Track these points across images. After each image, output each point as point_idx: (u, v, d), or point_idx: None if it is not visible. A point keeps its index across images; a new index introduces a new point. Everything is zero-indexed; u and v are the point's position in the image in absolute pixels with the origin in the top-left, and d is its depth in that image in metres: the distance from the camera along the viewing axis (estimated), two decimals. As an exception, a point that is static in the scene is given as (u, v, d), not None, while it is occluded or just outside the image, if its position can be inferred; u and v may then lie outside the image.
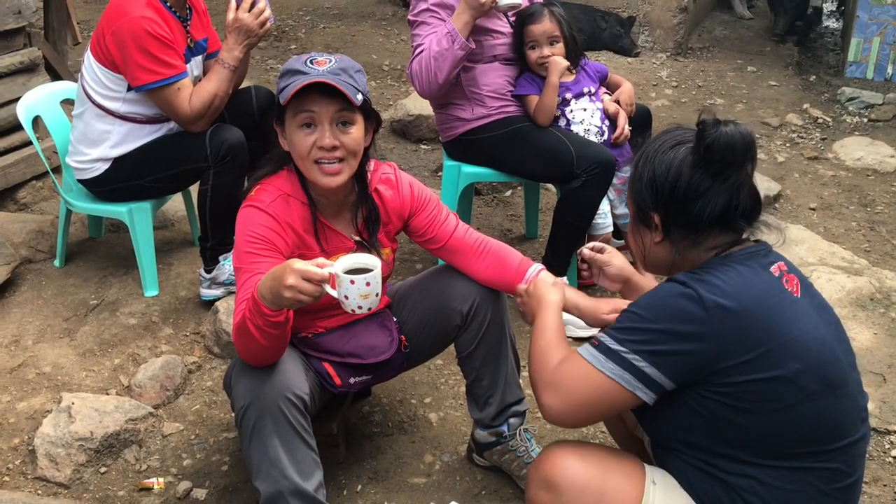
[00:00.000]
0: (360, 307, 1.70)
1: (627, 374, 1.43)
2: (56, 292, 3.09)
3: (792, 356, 1.41)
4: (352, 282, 1.67)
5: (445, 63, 2.74)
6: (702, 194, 1.49)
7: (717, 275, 1.46)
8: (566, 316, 2.81)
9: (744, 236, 1.57)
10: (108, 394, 2.56)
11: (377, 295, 1.71)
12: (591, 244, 2.00)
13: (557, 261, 2.89)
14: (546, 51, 2.87)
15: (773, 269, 1.50)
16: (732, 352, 1.40)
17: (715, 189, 1.49)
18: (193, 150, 2.75)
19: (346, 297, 1.69)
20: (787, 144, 4.57)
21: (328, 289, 1.67)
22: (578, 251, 2.01)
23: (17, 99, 3.12)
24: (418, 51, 2.84)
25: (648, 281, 1.89)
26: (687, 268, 1.54)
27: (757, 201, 1.55)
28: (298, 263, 1.64)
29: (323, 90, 1.82)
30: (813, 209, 3.86)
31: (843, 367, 1.49)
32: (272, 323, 1.71)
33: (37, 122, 3.15)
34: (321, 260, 1.69)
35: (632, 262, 2.03)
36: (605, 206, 2.99)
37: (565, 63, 2.85)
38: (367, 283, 1.68)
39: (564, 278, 2.13)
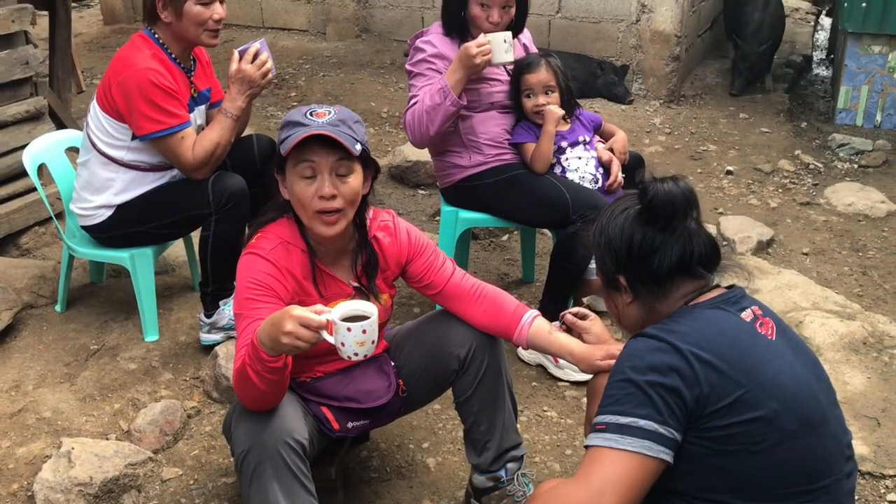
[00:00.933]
0: (356, 354, 1.73)
1: (647, 441, 1.43)
2: (57, 337, 3.11)
3: (769, 396, 1.45)
4: (348, 329, 1.70)
5: (437, 117, 2.82)
6: (656, 248, 1.58)
7: (685, 323, 1.51)
8: (561, 361, 2.84)
9: (715, 283, 1.62)
10: (107, 438, 2.57)
11: (373, 342, 1.74)
12: (574, 309, 2.07)
13: (554, 305, 2.93)
14: (542, 99, 2.94)
15: (746, 314, 1.55)
16: (714, 397, 1.44)
17: (667, 241, 1.58)
18: (196, 197, 2.80)
19: (343, 344, 1.72)
20: (780, 190, 4.64)
21: (325, 335, 1.70)
22: (562, 314, 2.08)
23: (23, 146, 3.18)
24: (413, 102, 2.91)
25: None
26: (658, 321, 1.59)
27: (713, 247, 1.63)
28: (297, 310, 1.67)
29: (322, 141, 1.88)
30: (806, 254, 3.90)
31: (823, 406, 1.52)
32: (271, 368, 1.74)
33: (41, 169, 3.21)
34: (319, 307, 1.73)
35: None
36: None
37: (560, 112, 2.92)
38: (364, 331, 1.71)
39: (558, 322, 2.18)
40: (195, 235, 3.11)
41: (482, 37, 2.78)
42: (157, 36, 2.79)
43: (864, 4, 5.32)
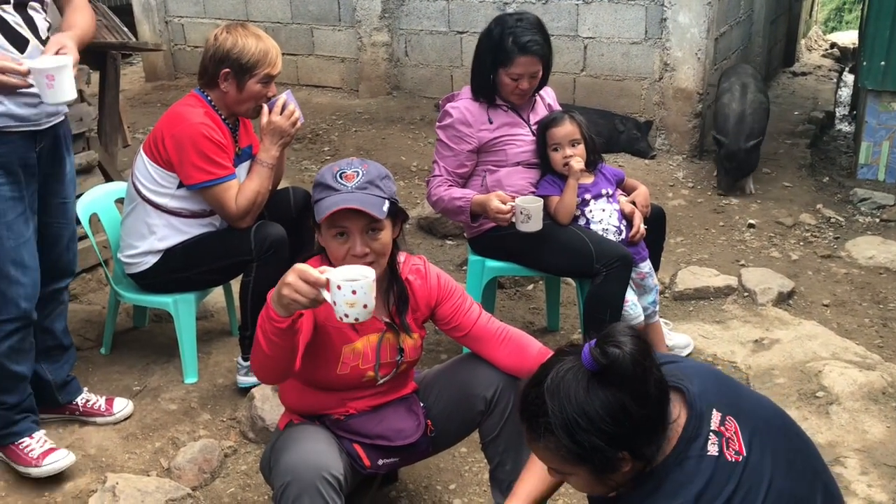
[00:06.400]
0: (346, 315, 1.77)
1: None
2: (101, 378, 3.26)
3: None
4: (338, 287, 1.74)
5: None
6: (648, 398, 1.51)
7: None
8: None
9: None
10: (149, 475, 2.69)
11: (365, 306, 1.77)
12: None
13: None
14: (569, 151, 3.08)
15: (711, 443, 1.54)
16: None
17: (642, 387, 1.51)
18: (239, 244, 2.96)
19: (335, 303, 1.76)
20: (801, 243, 4.71)
21: (325, 293, 1.76)
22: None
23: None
24: (436, 173, 3.16)
25: None
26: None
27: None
28: (300, 265, 1.78)
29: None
30: (826, 306, 3.97)
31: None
32: (276, 329, 1.81)
33: (91, 218, 3.40)
34: (325, 267, 1.83)
35: None
36: (631, 296, 3.12)
37: (580, 166, 3.05)
38: (353, 291, 1.74)
39: None
40: (234, 283, 3.26)
41: (510, 203, 2.97)
42: (209, 98, 2.99)
43: (882, 63, 5.45)
